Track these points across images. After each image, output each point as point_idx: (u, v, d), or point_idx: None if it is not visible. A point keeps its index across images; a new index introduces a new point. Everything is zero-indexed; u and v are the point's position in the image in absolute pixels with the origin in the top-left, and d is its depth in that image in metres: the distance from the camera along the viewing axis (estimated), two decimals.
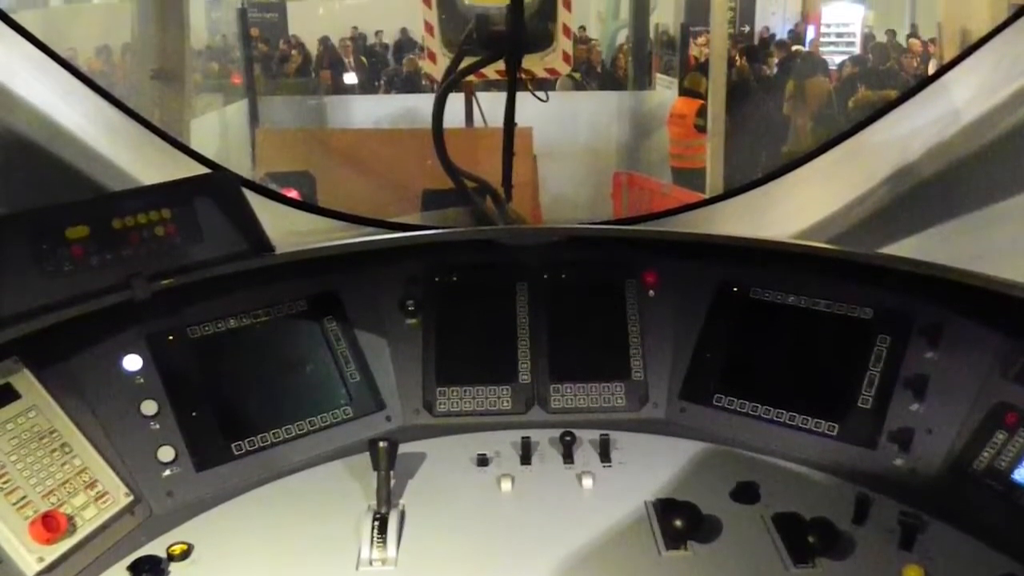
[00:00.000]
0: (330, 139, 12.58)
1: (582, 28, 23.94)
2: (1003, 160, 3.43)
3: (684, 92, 15.89)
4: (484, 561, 3.15)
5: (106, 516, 3.16)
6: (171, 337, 3.61)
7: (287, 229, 4.00)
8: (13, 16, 3.42)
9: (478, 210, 4.62)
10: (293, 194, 7.83)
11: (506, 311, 4.15)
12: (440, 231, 4.13)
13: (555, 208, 11.96)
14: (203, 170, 3.99)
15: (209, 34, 23.79)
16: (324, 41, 25.76)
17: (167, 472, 3.43)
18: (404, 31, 27.70)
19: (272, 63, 23.88)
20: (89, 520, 3.10)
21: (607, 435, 3.75)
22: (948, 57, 9.74)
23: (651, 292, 4.16)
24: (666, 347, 4.09)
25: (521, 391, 4.04)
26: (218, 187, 3.53)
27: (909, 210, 3.72)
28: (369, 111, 17.68)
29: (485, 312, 4.17)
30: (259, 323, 3.82)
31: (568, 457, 3.72)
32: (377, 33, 28.73)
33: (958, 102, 3.65)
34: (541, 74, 10.48)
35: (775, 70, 19.30)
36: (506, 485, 3.54)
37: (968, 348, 3.48)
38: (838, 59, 22.47)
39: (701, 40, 20.96)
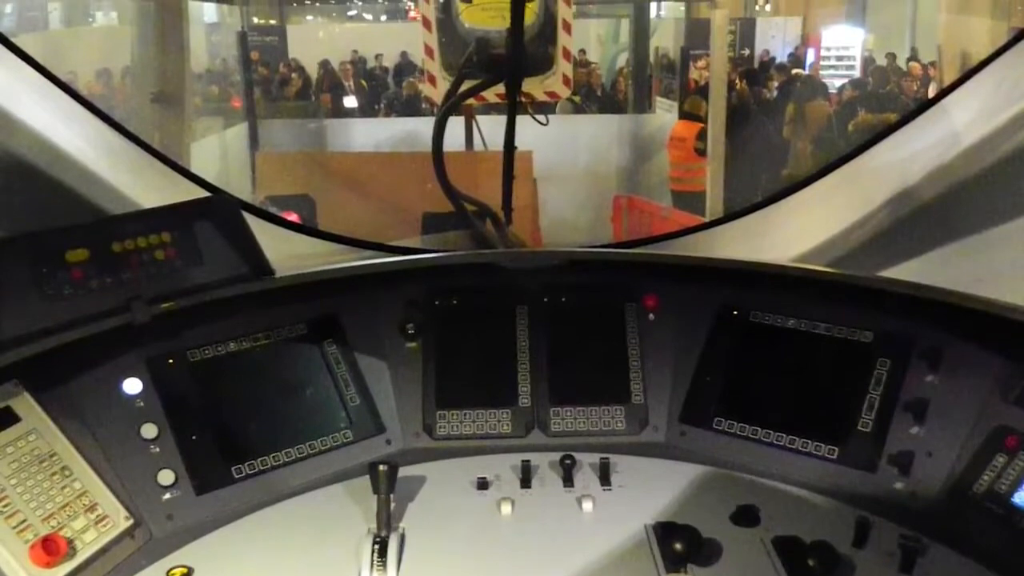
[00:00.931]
0: (330, 162, 12.59)
1: (582, 51, 24.05)
2: (1003, 183, 3.43)
3: (684, 115, 15.91)
4: None
5: (106, 539, 3.15)
6: (171, 360, 3.61)
7: (287, 252, 3.99)
8: (13, 39, 3.43)
9: (478, 233, 4.63)
10: (293, 217, 7.85)
11: (506, 335, 4.15)
12: (440, 254, 4.13)
13: (555, 231, 11.98)
14: (203, 193, 3.99)
15: (209, 57, 23.88)
16: (324, 64, 25.84)
17: (167, 495, 3.43)
18: (404, 54, 27.82)
19: (272, 86, 23.95)
20: (89, 543, 3.09)
21: (607, 458, 3.75)
22: (948, 80, 9.77)
23: (651, 316, 4.16)
24: (666, 370, 4.09)
25: (521, 414, 4.03)
26: (218, 210, 3.53)
27: (909, 233, 3.72)
28: (369, 134, 17.69)
29: (485, 335, 4.16)
30: (259, 346, 3.81)
31: (568, 480, 3.72)
32: (377, 56, 28.85)
33: (958, 125, 3.65)
34: (541, 97, 10.50)
35: (775, 93, 19.35)
36: (506, 508, 3.54)
37: (968, 371, 3.48)
38: (838, 82, 22.55)
39: (701, 63, 21.03)
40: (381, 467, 3.30)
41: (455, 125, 10.41)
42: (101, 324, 3.20)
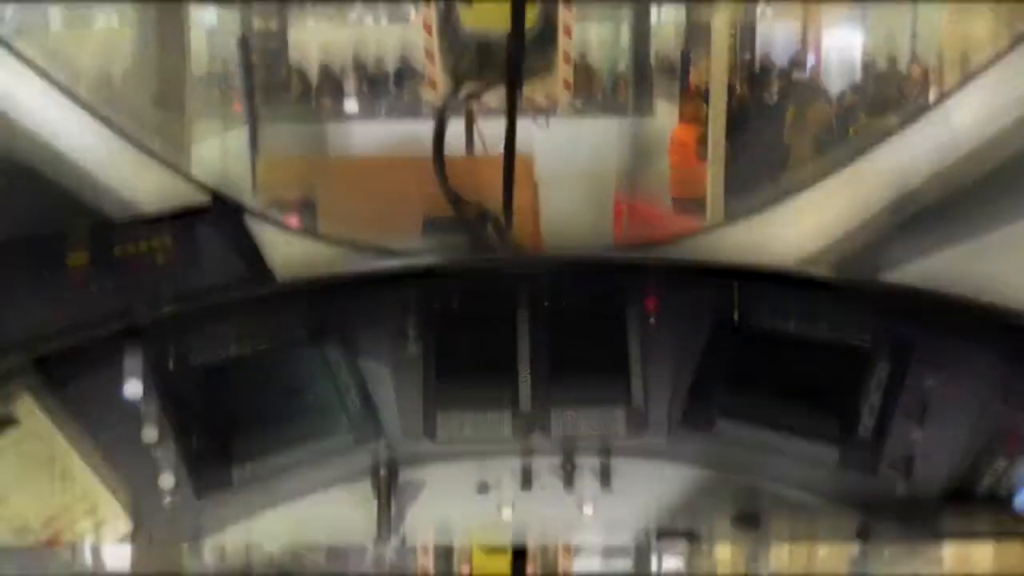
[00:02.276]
0: (331, 166, 12.57)
1: (583, 55, 24.02)
2: (1004, 187, 3.42)
3: (684, 119, 15.87)
4: None
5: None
6: (172, 364, 3.60)
7: (288, 256, 3.99)
8: (14, 43, 3.42)
9: (479, 237, 4.62)
10: (293, 221, 7.83)
11: (506, 338, 4.14)
12: (441, 259, 4.12)
13: (555, 235, 11.96)
14: (204, 197, 3.99)
15: (209, 60, 23.84)
16: (325, 68, 25.81)
17: (167, 499, 3.42)
18: (404, 58, 27.76)
19: (273, 89, 23.88)
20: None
21: (607, 461, 3.75)
22: (949, 84, 9.73)
23: (651, 319, 4.14)
24: (666, 374, 4.08)
25: (522, 417, 4.02)
26: (219, 215, 3.53)
27: (909, 237, 3.71)
28: (369, 137, 17.65)
29: (486, 339, 4.15)
30: (260, 350, 3.80)
31: (568, 483, 3.71)
32: (378, 60, 28.80)
33: (959, 129, 3.65)
34: (541, 101, 10.46)
35: (776, 97, 19.32)
36: (507, 511, 3.53)
37: (968, 375, 3.47)
38: (839, 86, 22.48)
39: (702, 67, 21.00)
40: (382, 470, 3.30)
41: (455, 128, 10.39)
42: (102, 328, 3.19)
